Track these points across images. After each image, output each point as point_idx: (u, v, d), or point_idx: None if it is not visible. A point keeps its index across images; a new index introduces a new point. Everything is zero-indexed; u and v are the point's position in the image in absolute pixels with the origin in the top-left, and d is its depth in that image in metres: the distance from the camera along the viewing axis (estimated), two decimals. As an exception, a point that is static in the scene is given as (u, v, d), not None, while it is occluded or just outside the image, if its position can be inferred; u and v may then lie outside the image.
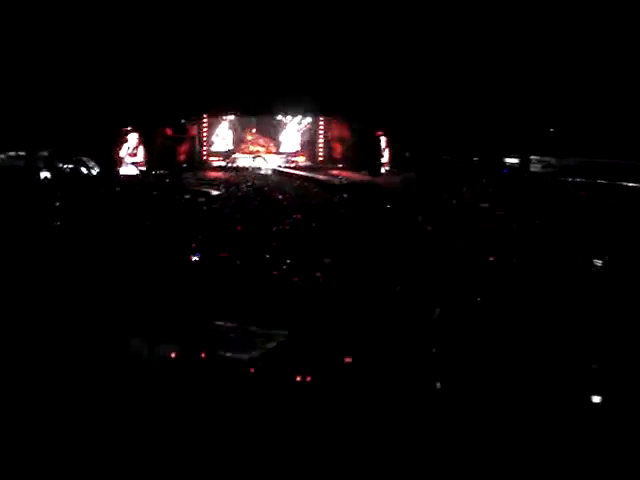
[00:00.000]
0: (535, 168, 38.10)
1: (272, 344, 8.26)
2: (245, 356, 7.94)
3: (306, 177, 33.65)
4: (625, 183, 31.48)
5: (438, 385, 7.40)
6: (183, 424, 6.50)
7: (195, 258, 12.24)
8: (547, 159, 37.64)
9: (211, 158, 39.63)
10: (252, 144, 40.43)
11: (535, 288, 10.95)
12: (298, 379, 7.35)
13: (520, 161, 38.84)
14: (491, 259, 13.16)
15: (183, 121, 38.06)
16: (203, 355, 7.86)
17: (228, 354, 7.95)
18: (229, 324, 8.68)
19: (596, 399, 6.82)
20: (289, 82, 35.02)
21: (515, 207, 22.19)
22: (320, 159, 40.18)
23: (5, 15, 30.22)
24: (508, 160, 39.29)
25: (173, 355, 7.84)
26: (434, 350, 8.32)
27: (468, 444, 6.38)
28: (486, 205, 22.54)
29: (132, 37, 32.69)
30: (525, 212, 21.08)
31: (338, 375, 7.61)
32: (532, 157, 38.41)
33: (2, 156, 32.43)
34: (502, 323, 9.23)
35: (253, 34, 34.44)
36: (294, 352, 8.18)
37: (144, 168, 35.38)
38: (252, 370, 7.62)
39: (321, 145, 40.37)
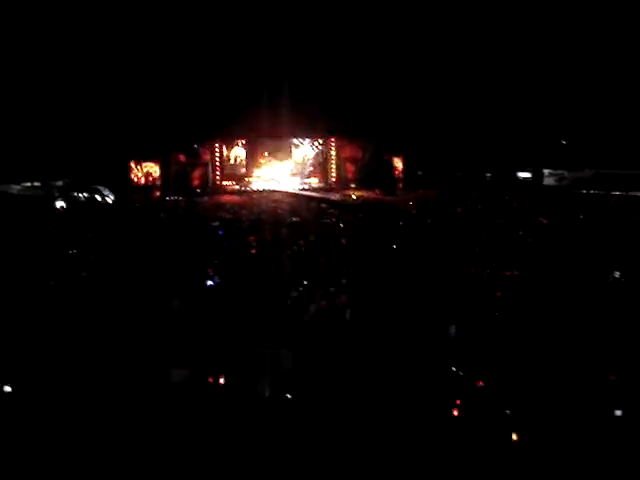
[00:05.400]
0: (548, 181, 37.96)
1: (286, 366, 8.23)
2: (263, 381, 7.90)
3: (320, 198, 33.69)
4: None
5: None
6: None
7: (210, 283, 12.24)
8: (560, 172, 37.49)
9: (225, 182, 39.80)
10: (265, 167, 40.62)
11: (553, 301, 10.89)
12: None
13: (533, 175, 38.75)
14: (507, 273, 13.12)
15: (196, 146, 38.38)
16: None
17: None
18: (244, 348, 8.66)
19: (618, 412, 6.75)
20: (300, 105, 35.23)
21: (529, 221, 22.11)
22: (333, 180, 40.28)
23: (25, 50, 30.84)
24: (521, 174, 39.21)
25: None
26: (453, 369, 8.25)
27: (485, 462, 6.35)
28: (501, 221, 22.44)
29: (145, 65, 33.10)
30: (540, 225, 21.01)
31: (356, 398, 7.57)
32: (545, 170, 38.28)
33: (18, 186, 32.81)
34: (520, 337, 9.17)
35: (265, 58, 34.74)
36: (311, 375, 8.15)
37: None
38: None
39: (333, 166, 40.45)
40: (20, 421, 7.18)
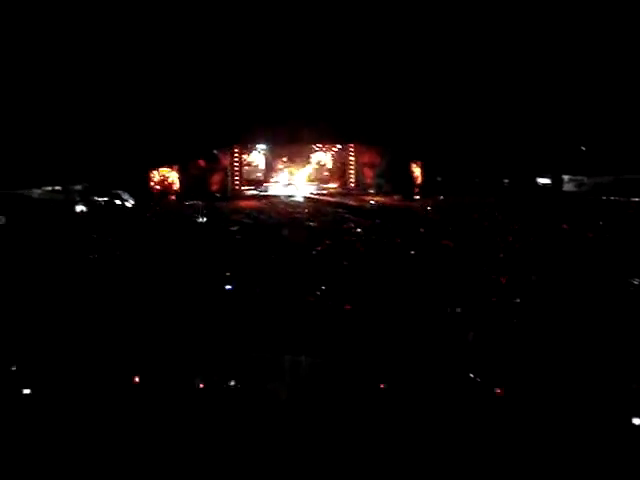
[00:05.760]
0: (568, 187, 37.71)
1: (303, 371, 8.24)
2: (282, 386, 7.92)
3: (337, 203, 33.72)
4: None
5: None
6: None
7: (229, 287, 12.31)
8: (580, 177, 37.24)
9: (243, 187, 39.96)
10: (283, 172, 40.79)
11: (573, 307, 10.83)
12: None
13: (552, 180, 38.52)
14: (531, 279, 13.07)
15: (215, 152, 38.57)
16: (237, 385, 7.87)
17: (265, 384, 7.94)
18: (262, 353, 8.68)
19: (637, 421, 6.69)
20: (319, 110, 35.29)
21: (549, 226, 22.00)
22: (351, 185, 40.30)
23: (47, 58, 31.16)
24: (540, 180, 39.00)
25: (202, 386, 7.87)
26: (471, 375, 8.24)
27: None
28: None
29: (166, 73, 33.35)
30: (560, 232, 20.89)
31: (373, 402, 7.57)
32: (564, 176, 38.04)
33: (39, 190, 33.13)
34: (540, 344, 9.13)
35: (283, 64, 34.85)
36: (328, 379, 8.16)
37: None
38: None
39: (352, 171, 40.48)
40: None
